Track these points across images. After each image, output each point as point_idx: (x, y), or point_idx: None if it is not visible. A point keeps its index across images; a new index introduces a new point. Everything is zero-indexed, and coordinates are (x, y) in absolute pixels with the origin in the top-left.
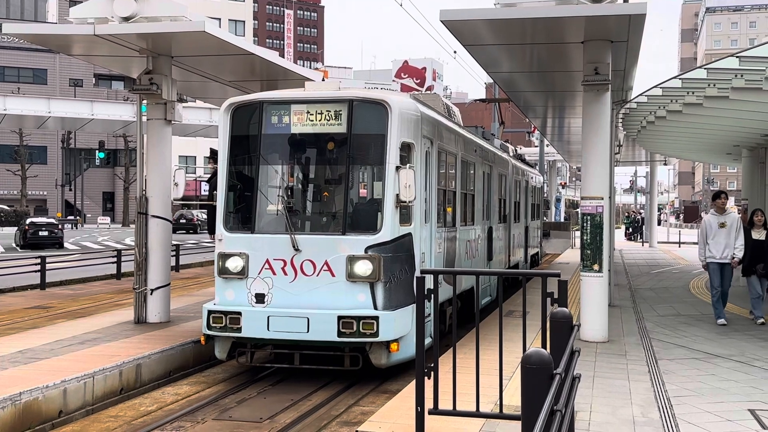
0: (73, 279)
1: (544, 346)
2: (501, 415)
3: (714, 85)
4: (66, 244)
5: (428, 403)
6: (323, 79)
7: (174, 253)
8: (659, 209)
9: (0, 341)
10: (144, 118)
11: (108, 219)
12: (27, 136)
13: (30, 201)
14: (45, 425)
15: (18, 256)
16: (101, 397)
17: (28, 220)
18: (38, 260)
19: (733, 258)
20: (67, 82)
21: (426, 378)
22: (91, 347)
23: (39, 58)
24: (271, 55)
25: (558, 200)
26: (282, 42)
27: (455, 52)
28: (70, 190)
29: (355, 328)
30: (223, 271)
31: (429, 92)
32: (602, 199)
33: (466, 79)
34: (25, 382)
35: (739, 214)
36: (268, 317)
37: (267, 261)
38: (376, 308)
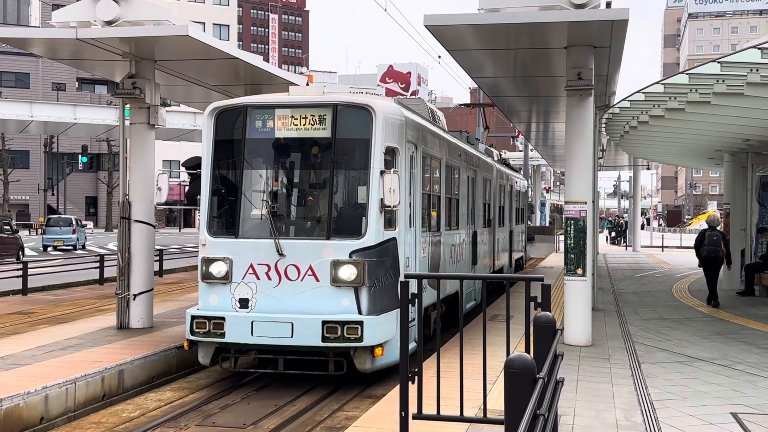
0: (55, 284)
1: (527, 350)
2: (485, 420)
3: (696, 90)
4: (32, 253)
5: (412, 408)
6: (308, 84)
7: (157, 257)
8: (643, 213)
9: None
10: (127, 123)
11: (91, 224)
12: (9, 140)
13: (12, 206)
14: None
15: None
16: (83, 403)
17: None
18: (20, 265)
19: None
20: (50, 86)
21: (410, 383)
22: (73, 353)
23: (21, 62)
24: (256, 60)
25: (543, 204)
26: (267, 46)
27: (440, 56)
28: (53, 194)
29: (339, 333)
30: (207, 276)
31: (414, 97)
32: (585, 203)
33: (451, 83)
34: (6, 388)
35: (721, 218)
36: (252, 322)
37: (251, 266)
38: (360, 313)
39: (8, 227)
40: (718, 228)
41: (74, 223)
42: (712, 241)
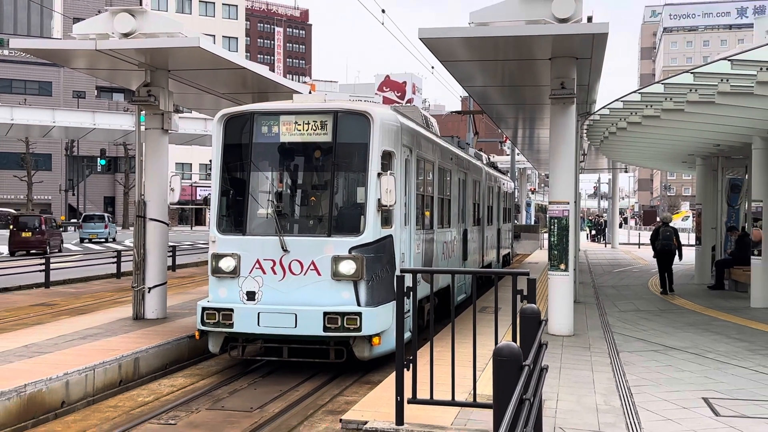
0: (75, 278)
1: (514, 339)
2: (475, 404)
3: (670, 99)
4: (68, 245)
5: (407, 393)
6: (310, 92)
7: (171, 253)
8: (621, 213)
9: (6, 336)
10: (142, 128)
11: None
12: (33, 144)
13: (35, 205)
14: (48, 415)
15: (24, 257)
16: (101, 388)
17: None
18: (43, 260)
19: None
20: (71, 93)
21: (405, 369)
22: (92, 342)
23: (44, 72)
24: (262, 70)
25: (528, 204)
26: (272, 57)
27: (433, 67)
28: (73, 194)
29: (339, 324)
30: (217, 271)
31: (409, 104)
32: (568, 203)
33: (443, 92)
34: (30, 374)
35: (694, 217)
36: (259, 313)
37: (257, 261)
38: (359, 305)
39: (55, 223)
40: (671, 224)
41: (107, 219)
42: (665, 236)
